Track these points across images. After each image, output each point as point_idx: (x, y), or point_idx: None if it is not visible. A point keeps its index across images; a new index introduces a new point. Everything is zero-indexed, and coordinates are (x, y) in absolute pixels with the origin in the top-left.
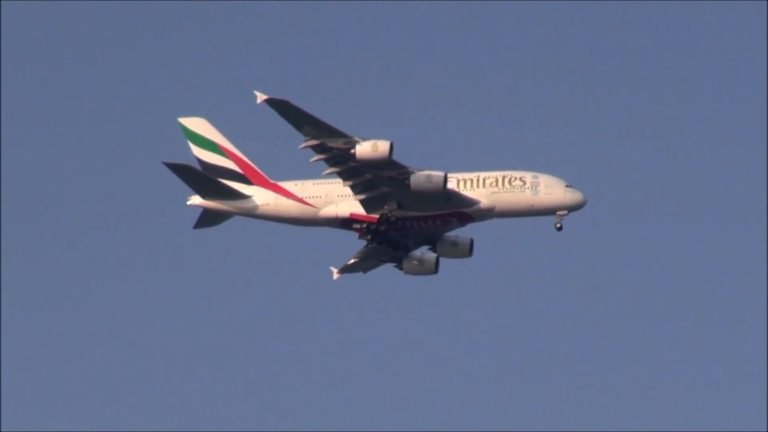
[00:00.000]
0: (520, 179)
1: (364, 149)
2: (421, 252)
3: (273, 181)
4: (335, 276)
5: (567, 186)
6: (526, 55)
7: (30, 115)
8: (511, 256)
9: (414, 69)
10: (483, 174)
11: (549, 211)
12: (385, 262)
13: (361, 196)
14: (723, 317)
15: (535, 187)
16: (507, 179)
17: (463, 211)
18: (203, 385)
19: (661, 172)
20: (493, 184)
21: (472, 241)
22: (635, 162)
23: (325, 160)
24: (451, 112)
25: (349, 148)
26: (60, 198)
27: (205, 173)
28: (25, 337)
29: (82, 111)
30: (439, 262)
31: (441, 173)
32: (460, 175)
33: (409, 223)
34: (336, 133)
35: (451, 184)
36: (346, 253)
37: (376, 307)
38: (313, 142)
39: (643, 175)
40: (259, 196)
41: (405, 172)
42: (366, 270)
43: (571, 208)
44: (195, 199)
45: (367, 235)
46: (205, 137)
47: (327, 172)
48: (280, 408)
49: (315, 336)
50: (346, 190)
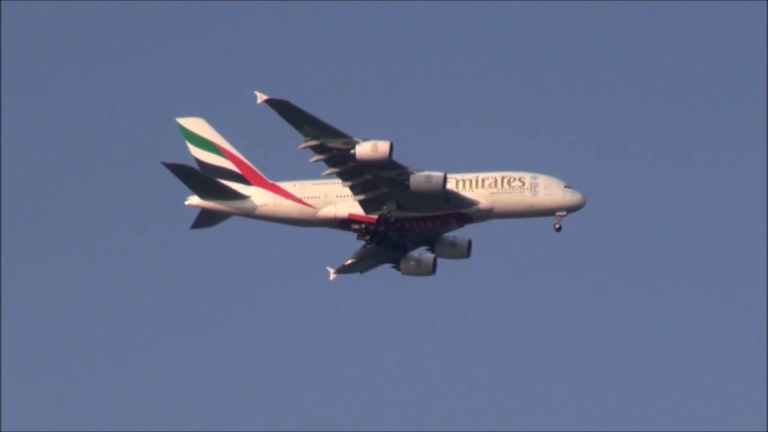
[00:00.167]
0: (519, 180)
1: (364, 150)
2: (419, 252)
3: (272, 181)
4: (332, 276)
5: (566, 187)
6: (525, 56)
7: (29, 115)
8: (509, 257)
9: (414, 69)
10: (482, 175)
11: (548, 211)
12: (383, 263)
13: (361, 197)
14: (723, 319)
15: (534, 188)
16: (506, 180)
17: (462, 211)
18: (202, 385)
19: (660, 172)
20: (492, 184)
21: (470, 242)
22: (634, 162)
23: (324, 160)
24: (451, 113)
25: (349, 149)
26: (59, 198)
27: (203, 173)
28: (23, 337)
29: (81, 111)
30: (436, 262)
31: (440, 174)
32: (460, 176)
33: (408, 224)
34: (336, 134)
35: (450, 185)
36: (345, 254)
37: (373, 307)
38: (313, 143)
39: (642, 175)
40: (258, 197)
41: (404, 173)
42: (363, 270)
43: (570, 209)
44: (193, 200)
45: (366, 236)
46: (204, 137)
47: (327, 172)
48: (278, 408)
49: (312, 336)
50: (344, 191)
